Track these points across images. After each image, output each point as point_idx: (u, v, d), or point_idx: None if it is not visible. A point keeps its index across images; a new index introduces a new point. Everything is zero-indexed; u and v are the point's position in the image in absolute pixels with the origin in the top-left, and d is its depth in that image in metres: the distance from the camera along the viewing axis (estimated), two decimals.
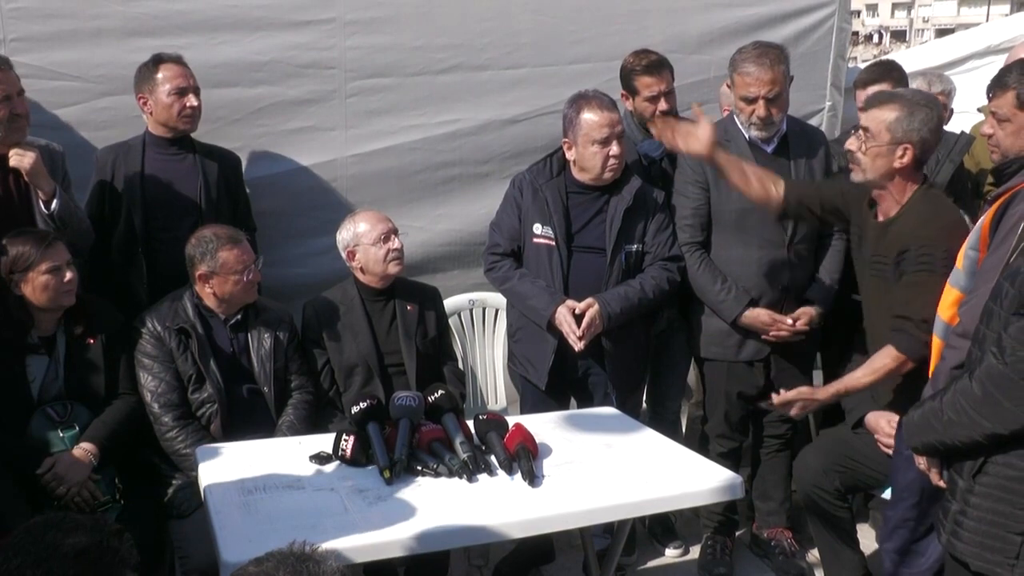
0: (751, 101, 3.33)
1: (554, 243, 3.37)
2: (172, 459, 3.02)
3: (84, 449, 2.86)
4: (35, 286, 2.84)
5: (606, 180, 3.37)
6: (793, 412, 3.07)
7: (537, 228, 3.41)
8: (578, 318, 3.30)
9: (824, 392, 3.02)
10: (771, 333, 3.44)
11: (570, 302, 3.33)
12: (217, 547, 2.19)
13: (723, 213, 3.42)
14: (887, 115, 2.84)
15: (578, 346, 3.30)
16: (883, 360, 2.86)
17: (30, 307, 2.87)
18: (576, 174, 3.41)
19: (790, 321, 3.42)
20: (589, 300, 3.32)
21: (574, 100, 3.40)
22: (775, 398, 3.06)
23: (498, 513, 2.42)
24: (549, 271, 3.39)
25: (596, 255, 3.40)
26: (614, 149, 3.31)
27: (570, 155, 3.40)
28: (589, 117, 3.31)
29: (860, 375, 2.92)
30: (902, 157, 2.82)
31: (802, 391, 3.03)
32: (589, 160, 3.34)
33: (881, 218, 2.95)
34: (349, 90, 3.91)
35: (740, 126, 3.44)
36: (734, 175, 3.16)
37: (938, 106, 2.86)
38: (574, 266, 3.39)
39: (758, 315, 3.43)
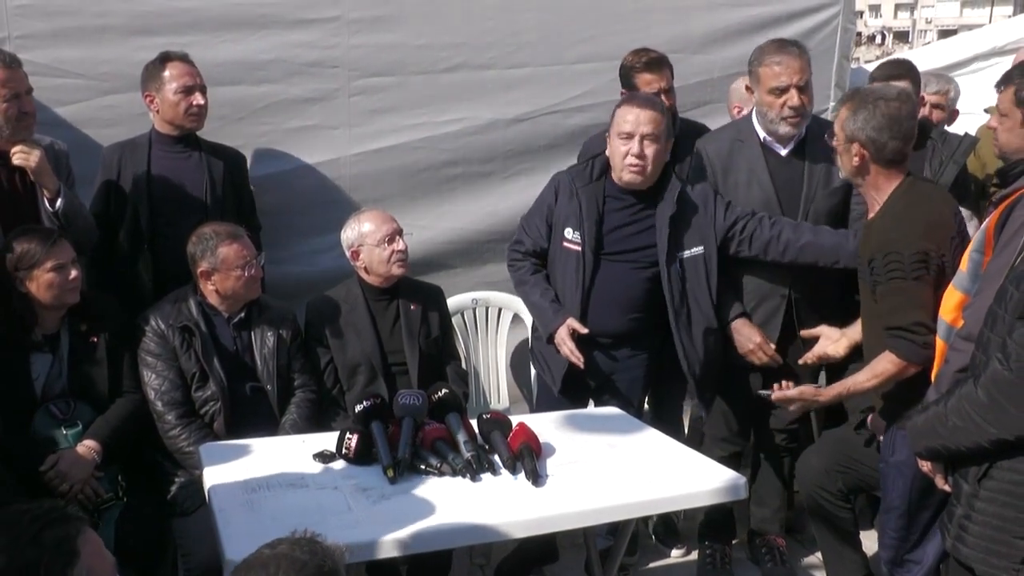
0: (783, 91, 3.24)
1: (580, 249, 3.31)
2: (175, 457, 3.03)
3: (87, 447, 2.86)
4: (40, 284, 2.84)
5: (627, 182, 3.27)
6: (792, 408, 3.06)
7: (568, 232, 3.34)
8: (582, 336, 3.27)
9: (827, 393, 3.00)
10: (749, 356, 3.40)
11: (571, 322, 3.27)
12: (221, 545, 2.19)
13: None
14: (842, 114, 2.86)
15: (580, 364, 3.27)
16: (884, 365, 2.81)
17: (34, 305, 2.88)
18: (614, 176, 3.33)
19: (773, 351, 3.36)
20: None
21: (622, 98, 3.37)
22: (776, 392, 3.05)
23: (501, 512, 2.42)
24: (573, 278, 3.33)
25: (625, 265, 3.33)
26: (634, 147, 3.20)
27: (608, 154, 3.34)
28: (622, 112, 3.25)
29: (863, 379, 2.88)
30: (856, 156, 2.81)
31: (804, 391, 3.02)
32: (613, 156, 3.28)
33: (870, 217, 2.95)
34: (352, 89, 3.91)
35: (756, 127, 3.39)
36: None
37: (889, 103, 2.79)
38: (600, 275, 3.32)
39: (751, 334, 3.37)
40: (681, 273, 3.32)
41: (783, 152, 3.39)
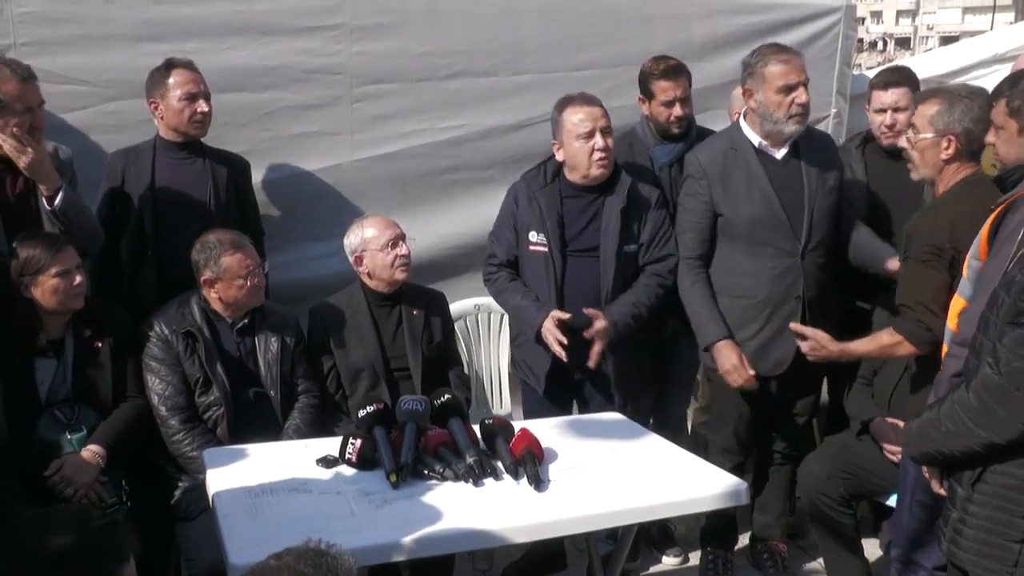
0: (791, 89, 3.27)
1: (547, 249, 3.39)
2: (179, 462, 3.04)
3: (91, 451, 2.88)
4: (44, 289, 2.86)
5: (596, 177, 3.38)
6: (803, 347, 3.20)
7: (532, 236, 3.43)
8: (566, 324, 3.32)
9: (831, 348, 3.14)
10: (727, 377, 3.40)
11: (555, 313, 3.33)
12: (224, 549, 2.20)
13: (733, 224, 3.40)
14: (930, 109, 2.92)
15: (564, 356, 3.31)
16: (884, 336, 2.97)
17: (39, 310, 2.89)
18: (569, 175, 3.43)
19: (753, 376, 3.37)
20: (599, 323, 3.31)
21: (559, 102, 3.45)
22: (794, 326, 3.24)
23: (503, 517, 2.43)
24: (544, 278, 3.40)
25: (593, 259, 3.41)
26: (598, 142, 3.31)
27: (560, 156, 3.42)
28: (570, 113, 3.36)
29: (864, 341, 3.07)
30: (947, 149, 2.89)
31: (818, 334, 3.15)
32: (576, 156, 3.36)
33: None
34: (355, 95, 3.94)
35: (748, 133, 3.40)
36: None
37: (981, 97, 2.91)
38: (569, 272, 3.40)
39: (728, 356, 3.36)
40: (623, 268, 3.42)
41: (778, 156, 3.40)
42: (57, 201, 3.04)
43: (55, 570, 1.48)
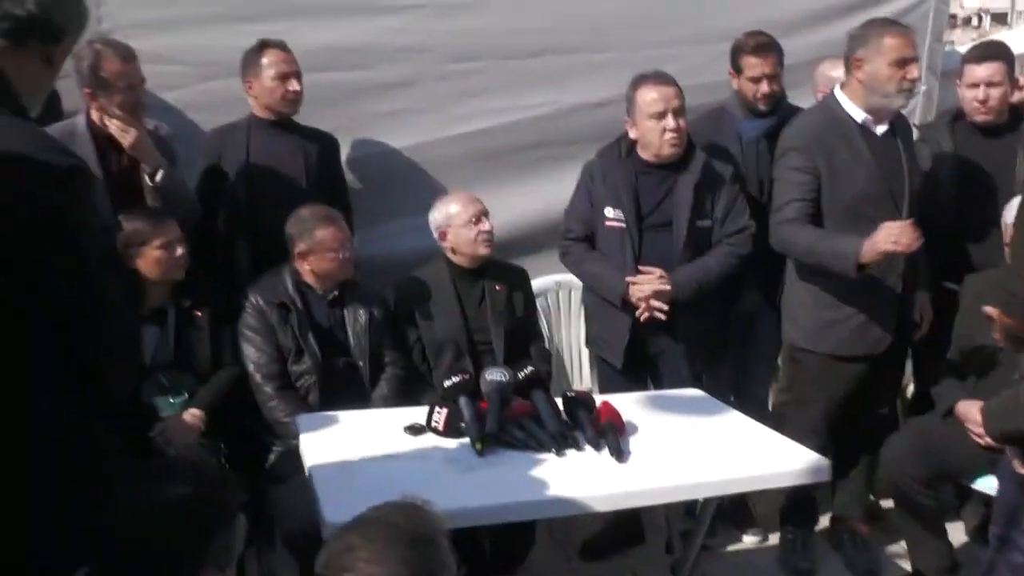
0: (905, 63, 3.19)
1: (624, 225, 3.42)
2: (273, 427, 3.16)
3: (192, 415, 3.02)
4: (148, 260, 3.01)
5: (667, 156, 3.40)
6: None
7: (608, 211, 3.46)
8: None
9: None
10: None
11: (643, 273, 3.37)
12: (320, 508, 2.29)
13: (836, 199, 3.30)
14: None
15: (649, 313, 3.35)
16: None
17: (143, 280, 3.04)
18: (641, 153, 3.45)
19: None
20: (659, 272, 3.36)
21: (633, 80, 3.47)
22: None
23: (585, 487, 2.48)
24: (621, 252, 3.44)
25: (668, 234, 3.44)
26: (669, 123, 3.33)
27: (633, 134, 3.45)
28: (644, 93, 3.38)
29: None
30: None
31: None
32: (648, 135, 3.38)
33: None
34: (441, 73, 3.99)
35: (848, 107, 3.31)
36: None
37: None
38: (645, 246, 3.43)
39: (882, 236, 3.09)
40: (696, 242, 3.44)
41: (879, 131, 3.33)
42: (158, 178, 3.18)
43: (172, 518, 1.55)
